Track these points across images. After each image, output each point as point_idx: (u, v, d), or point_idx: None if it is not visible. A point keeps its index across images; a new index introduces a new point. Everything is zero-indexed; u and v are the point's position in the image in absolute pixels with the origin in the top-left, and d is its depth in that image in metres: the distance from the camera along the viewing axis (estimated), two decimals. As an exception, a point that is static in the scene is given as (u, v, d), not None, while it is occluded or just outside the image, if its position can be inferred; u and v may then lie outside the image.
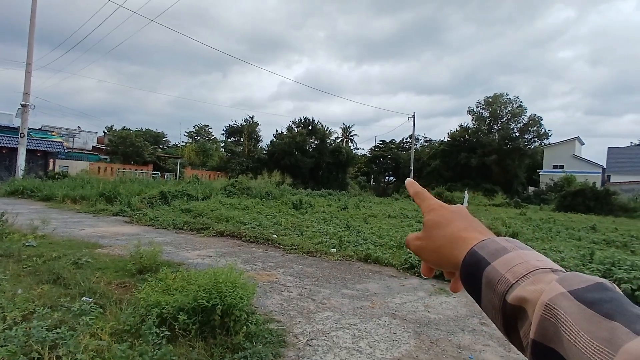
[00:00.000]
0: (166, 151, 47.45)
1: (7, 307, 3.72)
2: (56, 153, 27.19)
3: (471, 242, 0.49)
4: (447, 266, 0.53)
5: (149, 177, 28.65)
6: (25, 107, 20.73)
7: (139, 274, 5.54)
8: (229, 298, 3.64)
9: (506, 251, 0.45)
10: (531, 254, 0.44)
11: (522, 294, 0.39)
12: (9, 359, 2.73)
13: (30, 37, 20.67)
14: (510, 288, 0.41)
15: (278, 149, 39.09)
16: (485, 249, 0.46)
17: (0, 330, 3.09)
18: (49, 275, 5.23)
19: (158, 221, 10.95)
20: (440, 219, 0.55)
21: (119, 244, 7.74)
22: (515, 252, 0.44)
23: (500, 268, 0.43)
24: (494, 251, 0.45)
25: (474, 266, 0.46)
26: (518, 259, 0.43)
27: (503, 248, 0.45)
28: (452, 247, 0.51)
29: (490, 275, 0.43)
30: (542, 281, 0.39)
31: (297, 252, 7.94)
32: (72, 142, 35.07)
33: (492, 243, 0.47)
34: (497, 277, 0.43)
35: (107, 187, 15.85)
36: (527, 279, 0.40)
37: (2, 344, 2.89)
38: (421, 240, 0.56)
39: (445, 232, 0.53)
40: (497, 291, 0.42)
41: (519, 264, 0.42)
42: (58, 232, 8.50)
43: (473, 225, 0.53)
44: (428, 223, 0.56)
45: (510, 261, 0.43)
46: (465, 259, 0.47)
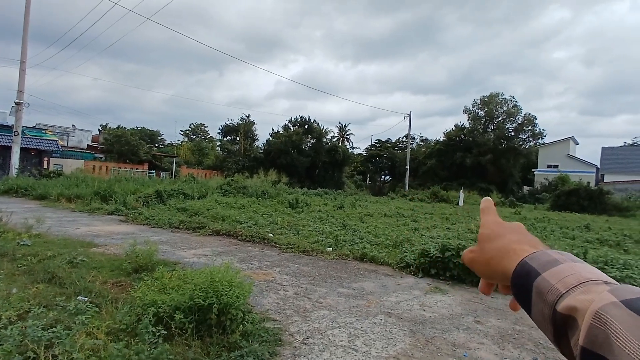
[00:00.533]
0: (162, 150, 47.25)
1: (2, 307, 3.70)
2: (50, 151, 27.00)
3: (522, 254, 0.50)
4: (497, 277, 0.54)
5: (144, 176, 28.52)
6: (19, 105, 20.55)
7: (134, 273, 5.53)
8: (225, 297, 3.64)
9: (557, 263, 0.45)
10: (583, 266, 0.45)
11: (573, 303, 0.40)
12: (4, 358, 2.72)
13: (25, 34, 20.49)
14: (561, 297, 0.41)
15: (274, 147, 39.05)
16: (536, 260, 0.47)
17: (-4, 330, 3.08)
18: (44, 275, 5.21)
19: (154, 220, 10.92)
20: (492, 232, 0.57)
21: (115, 243, 7.71)
22: (567, 264, 0.45)
23: (550, 279, 0.44)
24: (545, 263, 0.46)
25: (525, 277, 0.46)
26: (569, 270, 0.44)
27: (554, 260, 0.46)
28: (502, 258, 0.52)
29: (540, 286, 0.44)
30: (593, 291, 0.40)
31: (294, 251, 7.95)
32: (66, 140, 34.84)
33: (543, 255, 0.48)
34: (547, 287, 0.43)
35: (102, 186, 15.77)
36: (578, 289, 0.41)
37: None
38: (474, 253, 0.58)
39: (497, 245, 0.55)
40: (547, 301, 0.43)
41: (569, 275, 0.43)
42: (53, 231, 8.46)
43: (526, 238, 0.54)
44: (481, 237, 0.59)
45: (561, 272, 0.44)
46: (516, 270, 0.48)
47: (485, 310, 4.91)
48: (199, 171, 36.64)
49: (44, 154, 26.36)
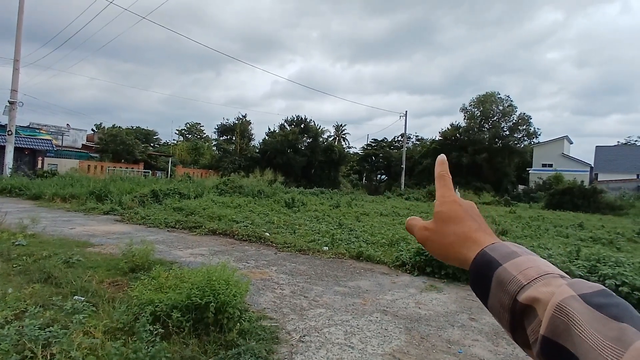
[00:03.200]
0: (157, 149, 47.06)
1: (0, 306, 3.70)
2: (45, 151, 26.84)
3: (482, 244, 0.52)
4: (452, 261, 0.56)
5: (140, 175, 28.41)
6: (13, 104, 20.41)
7: (131, 272, 5.53)
8: (222, 295, 3.66)
9: (517, 255, 0.48)
10: (539, 259, 0.48)
11: (534, 294, 0.43)
12: (2, 357, 2.73)
13: (18, 32, 20.34)
14: (522, 289, 0.44)
15: (270, 147, 39.01)
16: (496, 251, 0.50)
17: (-8, 329, 3.08)
18: (40, 274, 5.20)
19: (150, 220, 10.90)
20: (453, 214, 0.57)
21: (111, 243, 7.70)
22: (526, 256, 0.48)
23: (512, 270, 0.46)
24: (505, 254, 0.49)
25: (485, 266, 0.49)
26: (529, 262, 0.47)
27: (514, 252, 0.49)
28: (461, 245, 0.54)
29: (501, 276, 0.46)
30: (553, 284, 0.43)
31: (290, 250, 7.98)
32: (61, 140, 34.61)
33: (502, 247, 0.50)
34: (508, 277, 0.46)
35: (97, 186, 15.70)
36: (538, 282, 0.44)
37: (-6, 343, 2.88)
38: (430, 231, 0.59)
39: (457, 230, 0.55)
40: (508, 291, 0.45)
41: (529, 268, 0.46)
42: (48, 231, 8.43)
43: (482, 226, 0.56)
44: (440, 216, 0.57)
45: (521, 264, 0.46)
46: (476, 259, 0.51)
47: (479, 308, 4.96)
48: (195, 171, 36.54)
49: (38, 154, 26.19)
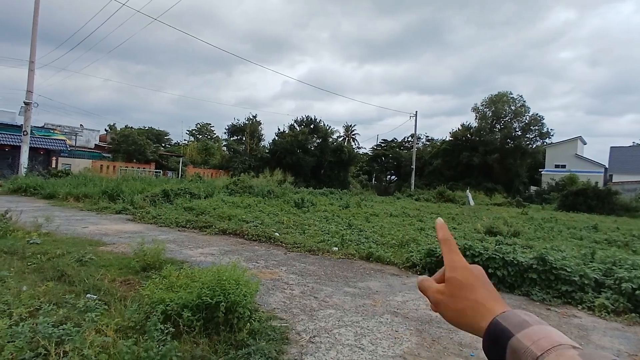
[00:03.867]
0: (168, 149, 47.53)
1: (13, 304, 3.76)
2: (59, 151, 27.29)
3: (494, 312, 0.54)
4: (466, 328, 0.58)
5: (151, 175, 28.71)
6: (28, 105, 20.80)
7: (142, 271, 5.58)
8: (232, 295, 3.67)
9: (528, 324, 0.50)
10: (551, 329, 0.49)
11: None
12: (16, 354, 2.77)
13: (34, 35, 20.72)
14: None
15: (280, 147, 39.12)
16: (508, 320, 0.51)
17: (7, 327, 3.13)
18: (54, 273, 5.27)
19: (161, 219, 11.00)
20: (465, 281, 0.59)
21: (123, 242, 7.78)
22: (537, 326, 0.49)
23: (525, 340, 0.47)
24: (517, 324, 0.50)
25: (499, 335, 0.50)
26: (541, 333, 0.48)
27: (525, 321, 0.50)
28: (474, 312, 0.56)
29: (515, 346, 0.48)
30: (565, 356, 0.44)
31: (300, 251, 7.97)
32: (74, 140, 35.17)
33: (514, 316, 0.52)
34: (522, 348, 0.47)
35: (109, 185, 15.91)
36: (551, 353, 0.45)
37: (9, 340, 2.92)
38: (443, 295, 0.60)
39: (469, 296, 0.57)
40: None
41: (542, 338, 0.47)
42: (62, 229, 8.55)
43: (493, 294, 0.58)
44: (453, 282, 0.59)
45: (534, 335, 0.48)
46: (490, 328, 0.52)
47: (492, 311, 4.90)
48: (205, 171, 36.82)
49: (52, 154, 26.65)
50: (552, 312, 5.01)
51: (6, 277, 4.77)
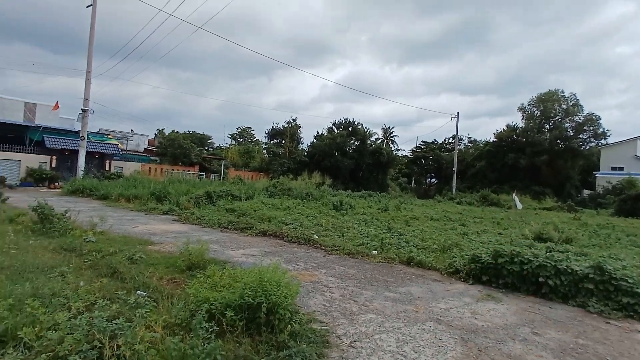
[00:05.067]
0: (211, 153, 49.19)
1: (72, 298, 4.01)
2: (112, 155, 29.01)
3: None
4: None
5: (195, 177, 29.84)
6: (85, 112, 22.31)
7: (188, 270, 5.78)
8: (273, 297, 3.71)
9: None
10: None
11: None
12: (75, 346, 2.94)
13: (90, 47, 22.22)
14: None
15: (318, 150, 39.34)
16: None
17: (67, 319, 3.34)
18: (107, 270, 5.59)
19: (204, 220, 11.38)
20: None
21: (169, 241, 8.12)
22: None
23: None
24: None
25: None
26: None
27: None
28: None
29: None
30: None
31: (339, 253, 7.95)
32: (126, 144, 37.30)
33: None
34: None
35: (157, 187, 16.70)
36: None
37: (68, 332, 3.12)
38: None
39: None
40: None
41: None
42: (114, 229, 9.05)
43: None
44: None
45: None
46: None
47: (543, 321, 4.62)
48: (245, 173, 37.74)
49: (106, 157, 28.38)
50: (612, 326, 4.65)
51: (66, 272, 5.11)
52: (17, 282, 4.50)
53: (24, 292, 4.04)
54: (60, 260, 5.91)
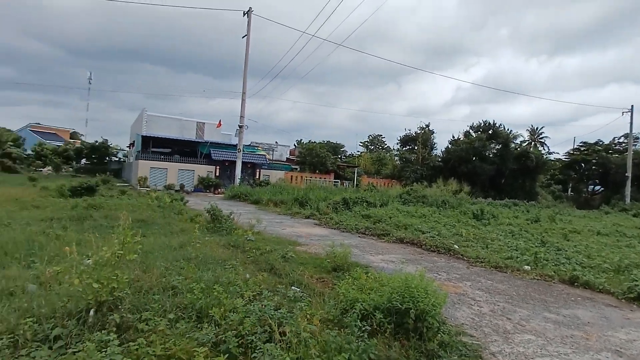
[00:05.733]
0: (344, 161, 51.23)
1: (243, 287, 4.71)
2: (261, 164, 32.76)
3: None
4: None
5: (330, 184, 31.50)
6: (241, 128, 25.79)
7: (333, 271, 6.19)
8: (421, 303, 3.72)
9: None
10: None
11: None
12: (250, 328, 3.47)
13: (245, 72, 25.68)
14: None
15: (454, 155, 37.27)
16: None
17: (243, 305, 3.96)
18: (266, 265, 6.37)
19: (342, 225, 11.94)
20: None
21: (314, 243, 8.79)
22: None
23: None
24: None
25: None
26: None
27: None
28: None
29: None
30: None
31: (484, 266, 7.43)
32: (271, 154, 41.70)
33: None
34: None
35: (299, 193, 18.21)
36: None
37: (245, 315, 3.70)
38: None
39: None
40: None
41: None
42: (267, 230, 10.22)
43: None
44: None
45: None
46: None
47: None
48: (378, 180, 38.14)
49: (256, 167, 32.21)
50: None
51: (235, 265, 6.01)
52: (203, 270, 5.49)
53: (209, 279, 4.91)
54: (229, 254, 6.94)
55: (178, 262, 5.88)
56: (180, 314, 3.83)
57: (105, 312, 3.53)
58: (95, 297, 3.45)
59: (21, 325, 3.18)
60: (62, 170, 37.02)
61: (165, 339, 3.18)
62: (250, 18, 25.35)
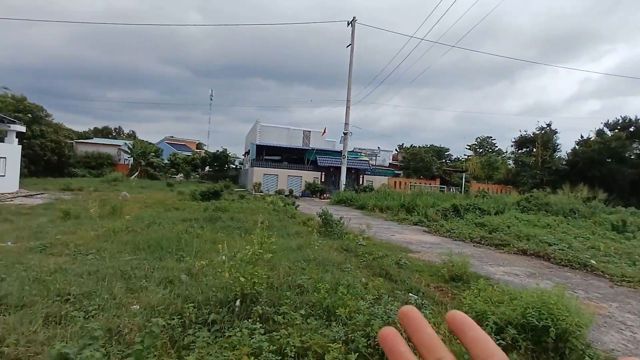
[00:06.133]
0: (450, 165, 48.71)
1: (364, 291, 4.86)
2: (364, 170, 33.06)
3: None
4: None
5: (436, 190, 30.26)
6: (346, 135, 26.42)
7: (451, 280, 5.99)
8: (562, 322, 3.41)
9: None
10: None
11: None
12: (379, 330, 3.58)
13: (349, 80, 26.31)
14: None
15: (582, 157, 32.72)
16: None
17: (366, 307, 4.11)
18: (379, 270, 6.45)
19: (454, 233, 11.41)
20: None
21: (426, 251, 8.59)
22: None
23: None
24: None
25: None
26: None
27: None
28: None
29: None
30: None
31: (632, 286, 6.41)
32: (374, 160, 41.80)
33: None
34: None
35: (406, 199, 17.92)
36: None
37: (370, 317, 3.83)
38: None
39: None
40: None
41: None
42: (377, 235, 10.30)
43: None
44: None
45: None
46: None
47: None
48: (489, 186, 35.40)
49: (360, 172, 32.60)
50: None
51: (350, 269, 6.21)
52: (321, 271, 5.81)
53: (330, 280, 5.19)
54: (343, 258, 7.19)
55: (299, 263, 6.33)
56: (309, 311, 4.14)
57: (248, 304, 4.00)
58: (241, 290, 3.93)
59: (185, 309, 3.80)
60: (190, 177, 42.39)
61: (301, 333, 3.48)
62: (354, 27, 25.93)
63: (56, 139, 30.66)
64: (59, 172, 30.96)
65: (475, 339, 0.37)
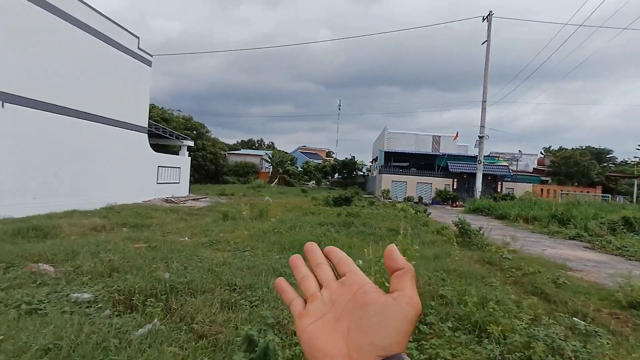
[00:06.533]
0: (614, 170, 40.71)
1: (515, 311, 4.40)
2: (502, 176, 30.09)
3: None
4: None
5: (597, 199, 25.64)
6: (482, 138, 24.49)
7: (630, 307, 5.00)
8: None
9: None
10: None
11: None
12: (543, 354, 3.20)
13: (485, 79, 24.36)
14: None
15: None
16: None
17: (524, 327, 3.71)
18: (532, 288, 5.76)
19: (628, 251, 9.50)
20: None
21: (590, 270, 7.36)
22: None
23: None
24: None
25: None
26: None
27: None
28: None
29: None
30: None
31: None
32: (515, 165, 37.67)
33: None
34: None
35: (558, 209, 15.64)
36: None
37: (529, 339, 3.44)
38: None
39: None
40: None
41: None
42: (524, 249, 9.25)
43: None
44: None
45: None
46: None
47: None
48: (674, 195, 28.41)
49: (497, 179, 29.79)
50: None
51: (494, 284, 5.69)
52: (465, 283, 5.47)
53: (475, 294, 4.85)
54: (486, 271, 6.65)
55: (438, 273, 6.08)
56: (456, 324, 3.94)
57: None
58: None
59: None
60: (321, 184, 44.82)
61: (450, 345, 3.34)
62: (490, 22, 23.99)
63: (214, 151, 35.95)
64: (216, 179, 36.22)
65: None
